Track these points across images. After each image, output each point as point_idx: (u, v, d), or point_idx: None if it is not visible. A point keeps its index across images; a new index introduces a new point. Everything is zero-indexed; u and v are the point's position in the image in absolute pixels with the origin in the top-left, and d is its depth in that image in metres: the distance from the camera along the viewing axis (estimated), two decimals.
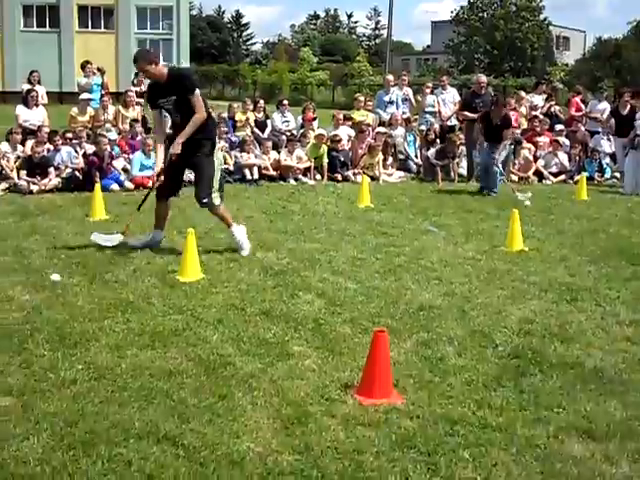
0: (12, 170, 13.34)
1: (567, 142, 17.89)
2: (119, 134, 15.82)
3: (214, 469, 4.19)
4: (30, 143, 13.99)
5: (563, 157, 17.32)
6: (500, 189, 14.48)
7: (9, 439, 4.44)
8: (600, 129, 18.17)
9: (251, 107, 17.66)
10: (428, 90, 18.94)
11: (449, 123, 18.02)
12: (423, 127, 17.97)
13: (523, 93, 20.09)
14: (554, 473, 4.28)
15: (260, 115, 17.61)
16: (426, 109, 18.59)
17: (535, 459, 4.43)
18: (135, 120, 16.22)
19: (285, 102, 18.43)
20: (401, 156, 17.48)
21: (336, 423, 4.79)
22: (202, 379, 5.38)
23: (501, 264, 8.95)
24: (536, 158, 17.16)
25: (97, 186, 11.66)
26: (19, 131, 14.37)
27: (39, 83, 16.97)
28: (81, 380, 5.32)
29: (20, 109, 15.34)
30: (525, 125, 18.25)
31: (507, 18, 66.93)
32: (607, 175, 17.53)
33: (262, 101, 18.39)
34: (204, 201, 8.88)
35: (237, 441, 4.51)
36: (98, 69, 17.57)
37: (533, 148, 17.38)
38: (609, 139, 17.91)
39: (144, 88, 17.69)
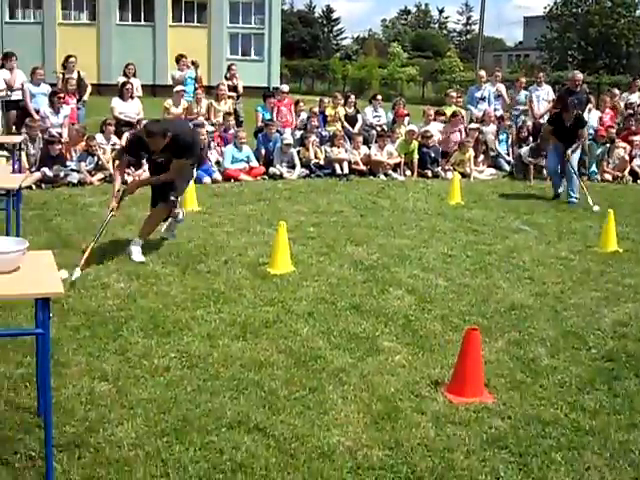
0: (108, 161, 13.61)
1: None
2: (212, 127, 15.99)
3: (304, 461, 4.22)
4: (126, 135, 14.25)
5: None
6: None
7: (104, 423, 4.55)
8: None
9: (342, 102, 17.65)
10: (521, 86, 18.68)
11: (542, 120, 17.70)
12: (510, 124, 17.70)
13: (617, 91, 19.63)
14: None
15: (351, 110, 17.59)
16: (518, 106, 18.34)
17: (629, 464, 4.35)
18: (228, 113, 16.37)
19: (379, 97, 18.38)
20: (492, 153, 17.26)
21: (426, 420, 4.78)
22: (293, 371, 5.42)
23: (595, 265, 8.77)
24: (632, 157, 16.73)
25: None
26: (112, 122, 14.64)
27: (134, 76, 17.23)
28: (174, 368, 5.42)
29: (116, 101, 15.61)
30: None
31: (602, 14, 65.43)
32: None
33: (353, 96, 18.38)
34: (172, 198, 8.72)
35: (327, 434, 4.53)
36: (192, 62, 17.74)
37: (628, 147, 16.96)
38: None
39: (236, 82, 17.90)
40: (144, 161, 9.61)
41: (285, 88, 17.92)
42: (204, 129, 14.65)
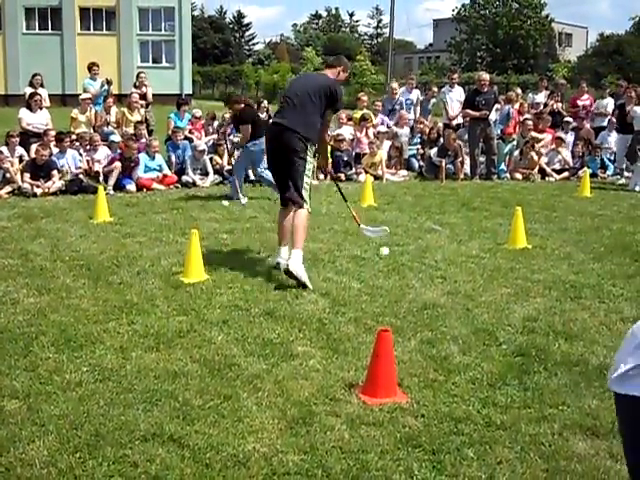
0: (16, 173, 13.36)
1: (571, 139, 17.92)
2: (122, 137, 15.83)
3: (220, 470, 4.20)
4: (34, 146, 14.01)
5: (566, 154, 17.32)
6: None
7: (15, 442, 4.45)
8: (606, 124, 18.17)
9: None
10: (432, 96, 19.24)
11: (455, 122, 17.99)
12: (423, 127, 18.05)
13: (519, 90, 20.16)
14: (559, 470, 4.28)
15: (264, 115, 17.62)
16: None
17: (540, 457, 4.44)
18: (139, 122, 16.25)
19: None
20: (405, 155, 17.50)
21: (341, 423, 4.80)
22: (207, 380, 5.39)
23: (505, 262, 8.95)
24: (539, 155, 17.13)
25: (100, 188, 11.69)
26: (15, 134, 14.34)
27: (42, 86, 16.97)
28: (86, 382, 5.34)
29: (23, 112, 15.34)
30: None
31: (509, 15, 66.88)
32: (610, 172, 17.52)
33: (265, 102, 18.44)
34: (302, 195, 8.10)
35: (242, 441, 4.52)
36: (107, 80, 17.56)
37: (536, 146, 17.36)
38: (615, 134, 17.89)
39: (145, 89, 17.77)
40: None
41: (198, 113, 17.77)
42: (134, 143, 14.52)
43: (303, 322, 6.66)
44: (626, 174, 16.97)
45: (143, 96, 17.67)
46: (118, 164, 13.86)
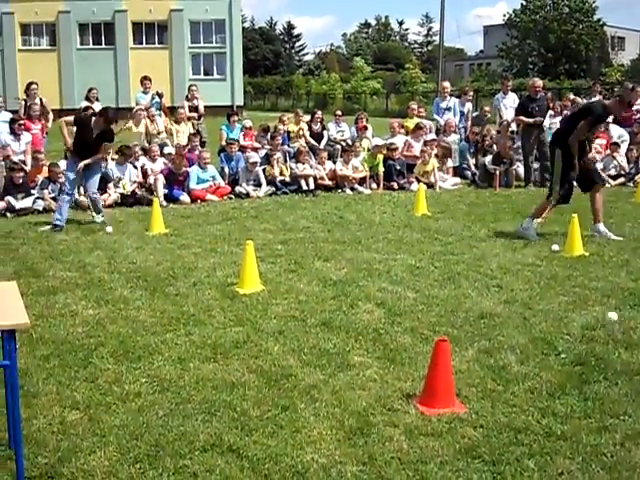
0: None
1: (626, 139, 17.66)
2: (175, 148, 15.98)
3: None
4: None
5: (621, 159, 17.08)
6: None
7: (77, 452, 4.51)
8: None
9: (304, 117, 17.83)
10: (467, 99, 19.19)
11: (510, 129, 17.84)
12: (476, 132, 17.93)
13: (572, 96, 19.90)
14: None
15: (317, 126, 17.72)
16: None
17: (602, 468, 4.37)
18: (193, 134, 16.41)
19: (339, 112, 18.63)
20: (455, 163, 17.42)
21: (399, 433, 4.78)
22: (264, 391, 5.41)
23: (561, 270, 8.85)
24: (595, 161, 16.91)
25: (155, 200, 11.81)
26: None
27: (97, 100, 17.22)
28: (145, 393, 5.39)
29: None
30: None
31: (560, 20, 66.24)
32: None
33: (320, 112, 18.53)
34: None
35: (300, 452, 4.53)
36: (157, 93, 17.77)
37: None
38: None
39: (197, 102, 17.93)
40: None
41: (248, 123, 17.82)
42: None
43: (359, 332, 6.66)
44: None
45: (195, 108, 17.84)
46: (160, 176, 14.02)
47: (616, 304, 7.54)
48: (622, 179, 16.82)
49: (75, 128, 11.85)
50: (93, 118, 11.69)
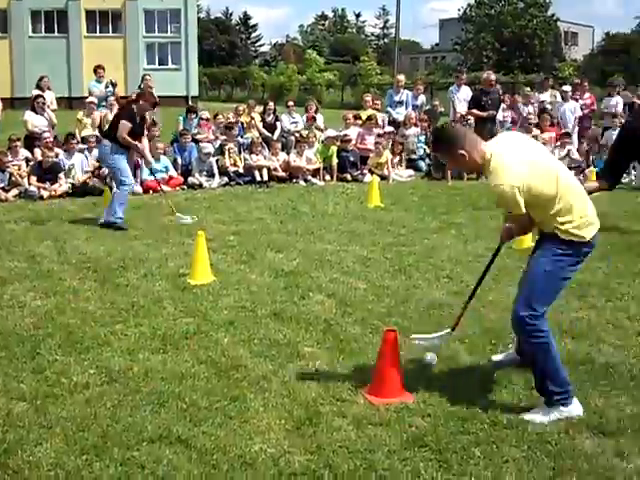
0: (22, 177, 13.40)
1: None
2: None
3: (227, 471, 4.22)
4: (38, 149, 14.08)
5: (570, 150, 17.27)
6: None
7: (23, 444, 4.47)
8: (612, 124, 18.08)
9: (256, 109, 17.78)
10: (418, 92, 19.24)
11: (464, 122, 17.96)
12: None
13: (528, 89, 20.11)
14: (565, 469, 4.28)
15: (270, 117, 17.67)
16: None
17: (546, 455, 4.44)
18: (150, 124, 16.27)
19: (291, 103, 18.57)
20: (414, 156, 17.50)
21: (347, 423, 4.81)
22: (214, 381, 5.40)
23: (511, 261, 8.91)
24: None
25: (107, 190, 11.71)
26: (15, 138, 14.22)
27: (49, 89, 17.02)
28: (93, 384, 5.36)
29: (29, 115, 15.37)
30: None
31: (515, 14, 66.74)
32: None
33: (272, 103, 18.47)
34: None
35: (249, 442, 4.53)
36: (111, 82, 17.62)
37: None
38: None
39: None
40: None
41: (205, 114, 17.68)
42: None
43: (310, 323, 6.67)
44: (634, 172, 16.89)
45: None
46: None
47: (564, 295, 7.60)
48: (573, 172, 16.95)
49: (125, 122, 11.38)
50: (134, 106, 11.40)
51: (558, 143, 17.30)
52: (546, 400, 4.95)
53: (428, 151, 17.48)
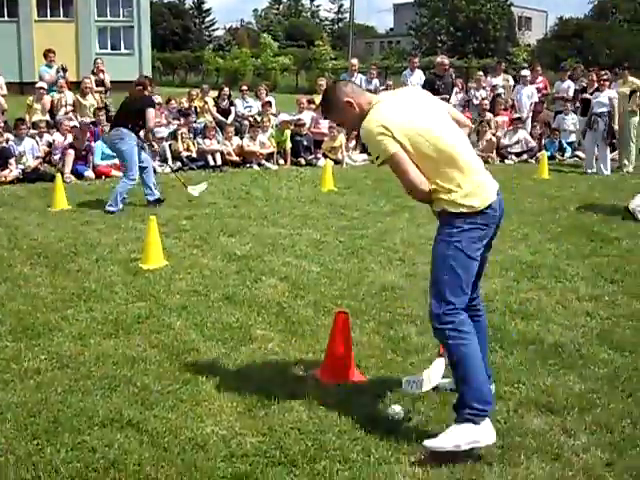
0: None
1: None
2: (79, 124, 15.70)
3: (178, 453, 4.22)
4: None
5: (523, 133, 17.44)
6: None
7: None
8: (563, 108, 18.25)
9: (210, 93, 17.70)
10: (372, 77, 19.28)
11: None
12: None
13: (480, 73, 20.22)
14: (513, 446, 4.35)
15: (225, 103, 17.59)
16: None
17: (495, 434, 4.49)
18: (98, 108, 16.15)
19: (244, 88, 18.49)
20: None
21: (299, 404, 4.83)
22: (166, 365, 5.40)
23: None
24: (498, 138, 17.27)
25: (58, 176, 11.59)
26: None
27: None
28: (44, 370, 5.32)
29: None
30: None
31: None
32: (567, 154, 17.66)
33: (227, 88, 18.38)
34: None
35: (201, 425, 4.54)
36: (62, 67, 17.43)
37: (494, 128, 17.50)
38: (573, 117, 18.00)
39: (103, 76, 17.64)
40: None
41: (157, 99, 17.55)
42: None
43: (262, 306, 6.69)
44: (582, 155, 17.09)
45: (102, 82, 17.55)
46: (71, 151, 13.72)
47: (514, 276, 7.74)
48: (525, 155, 17.19)
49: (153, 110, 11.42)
50: (147, 93, 11.62)
51: (511, 128, 17.47)
52: (457, 417, 4.36)
53: None
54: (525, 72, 19.02)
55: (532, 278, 7.70)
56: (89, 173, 13.76)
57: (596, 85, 16.52)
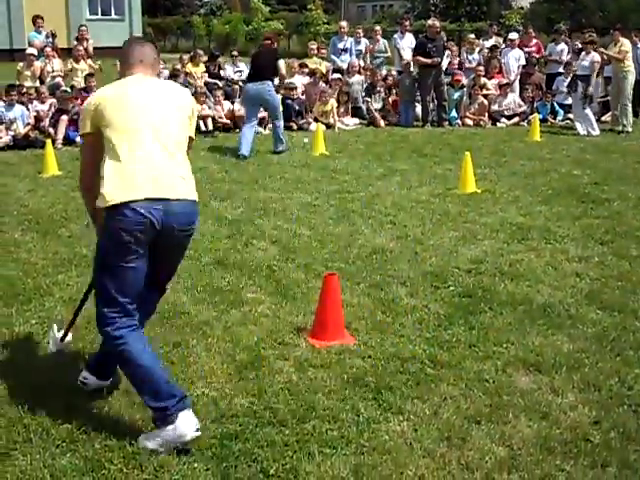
0: None
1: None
2: (72, 88, 15.62)
3: None
4: None
5: (513, 97, 17.38)
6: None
7: None
8: (561, 69, 18.12)
9: (204, 58, 17.60)
10: (378, 34, 19.04)
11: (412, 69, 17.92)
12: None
13: (472, 36, 20.08)
14: (502, 405, 4.39)
15: (215, 69, 17.51)
16: (378, 54, 18.73)
17: (483, 393, 4.55)
18: (90, 74, 16.04)
19: (235, 53, 18.42)
20: (359, 104, 17.46)
21: (289, 366, 4.87)
22: (156, 329, 5.40)
23: (454, 206, 9.04)
24: (488, 100, 17.21)
25: (48, 142, 11.54)
26: None
27: None
28: (35, 334, 5.34)
29: None
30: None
31: None
32: (560, 117, 17.61)
33: (218, 53, 18.36)
34: None
35: (191, 387, 4.57)
36: (51, 33, 17.33)
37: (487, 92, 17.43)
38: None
39: (86, 44, 17.56)
40: None
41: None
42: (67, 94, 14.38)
43: (253, 270, 6.70)
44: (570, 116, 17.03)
45: (85, 50, 17.47)
46: (64, 117, 13.64)
47: (504, 238, 7.77)
48: (517, 119, 17.14)
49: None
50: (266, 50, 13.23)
51: (499, 93, 17.39)
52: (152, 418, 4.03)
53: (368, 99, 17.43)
54: (513, 35, 18.87)
55: (522, 240, 7.73)
56: (80, 139, 13.65)
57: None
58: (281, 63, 12.86)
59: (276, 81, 13.40)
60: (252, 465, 3.80)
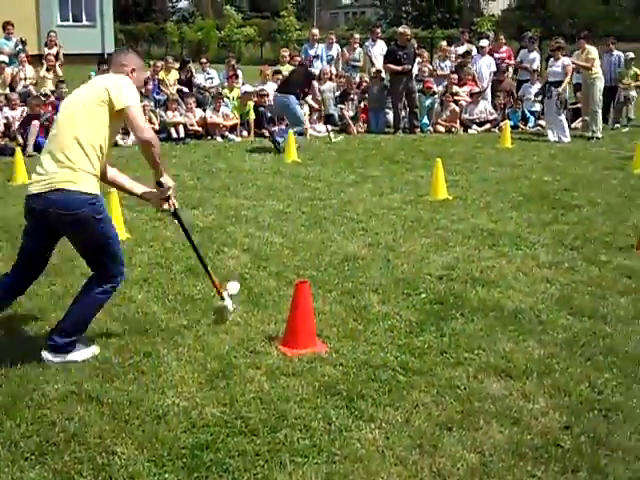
0: None
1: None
2: (44, 96, 15.53)
3: (139, 425, 4.21)
4: None
5: (484, 104, 17.47)
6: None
7: None
8: (530, 77, 18.25)
9: (174, 65, 17.55)
10: (355, 42, 19.06)
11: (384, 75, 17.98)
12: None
13: (444, 43, 20.16)
14: (473, 412, 4.40)
15: (189, 74, 17.48)
16: (354, 63, 18.75)
17: (455, 399, 4.55)
18: (61, 81, 15.98)
19: (204, 60, 18.34)
20: (331, 111, 17.46)
21: (260, 374, 4.85)
22: (127, 338, 5.37)
23: (425, 213, 9.07)
24: (460, 107, 17.31)
25: (18, 150, 11.45)
26: None
27: None
28: (3, 346, 5.27)
29: None
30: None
31: None
32: (531, 124, 17.73)
33: (188, 59, 18.33)
34: None
35: (162, 396, 4.54)
36: (21, 40, 17.26)
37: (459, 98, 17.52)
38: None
39: (56, 49, 17.53)
40: None
41: None
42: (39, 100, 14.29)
43: (224, 277, 6.64)
44: (542, 122, 17.14)
45: (55, 56, 17.41)
46: (36, 122, 13.55)
47: (475, 244, 7.80)
48: (488, 125, 17.24)
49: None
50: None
51: (471, 101, 17.47)
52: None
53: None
54: (483, 42, 18.97)
55: (493, 246, 7.76)
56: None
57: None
58: (315, 84, 14.86)
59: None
60: (223, 475, 3.78)
